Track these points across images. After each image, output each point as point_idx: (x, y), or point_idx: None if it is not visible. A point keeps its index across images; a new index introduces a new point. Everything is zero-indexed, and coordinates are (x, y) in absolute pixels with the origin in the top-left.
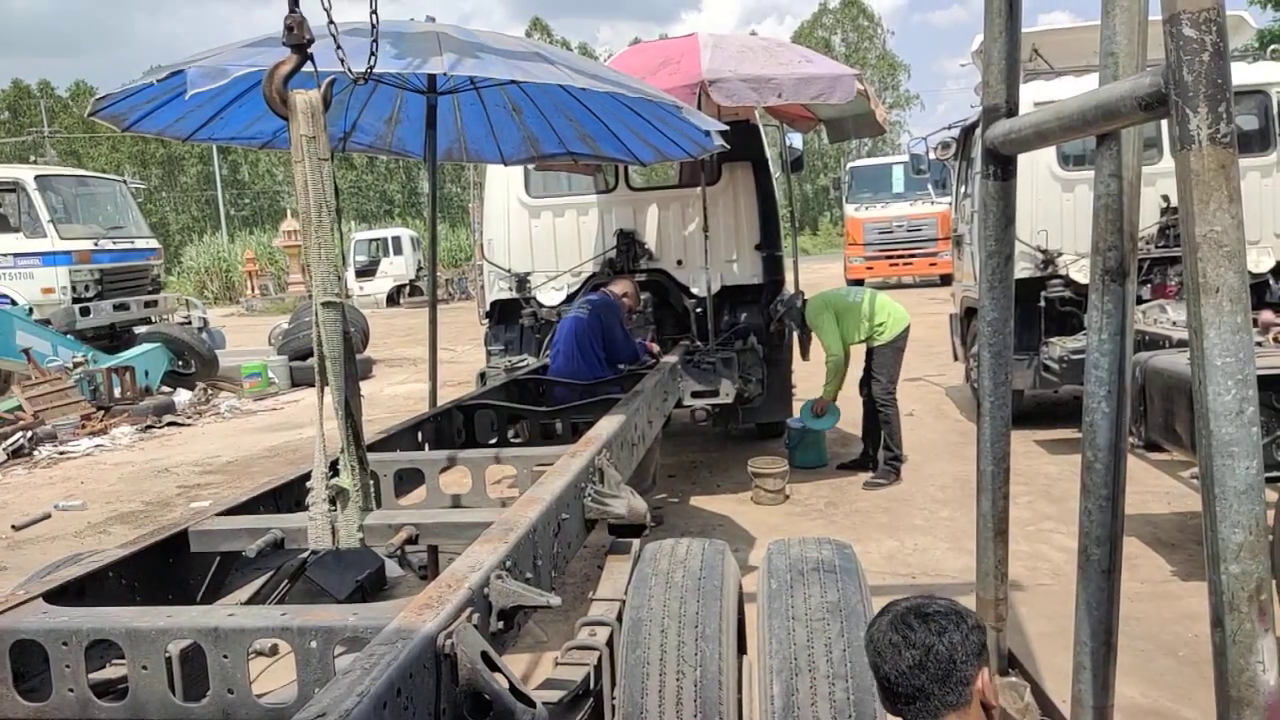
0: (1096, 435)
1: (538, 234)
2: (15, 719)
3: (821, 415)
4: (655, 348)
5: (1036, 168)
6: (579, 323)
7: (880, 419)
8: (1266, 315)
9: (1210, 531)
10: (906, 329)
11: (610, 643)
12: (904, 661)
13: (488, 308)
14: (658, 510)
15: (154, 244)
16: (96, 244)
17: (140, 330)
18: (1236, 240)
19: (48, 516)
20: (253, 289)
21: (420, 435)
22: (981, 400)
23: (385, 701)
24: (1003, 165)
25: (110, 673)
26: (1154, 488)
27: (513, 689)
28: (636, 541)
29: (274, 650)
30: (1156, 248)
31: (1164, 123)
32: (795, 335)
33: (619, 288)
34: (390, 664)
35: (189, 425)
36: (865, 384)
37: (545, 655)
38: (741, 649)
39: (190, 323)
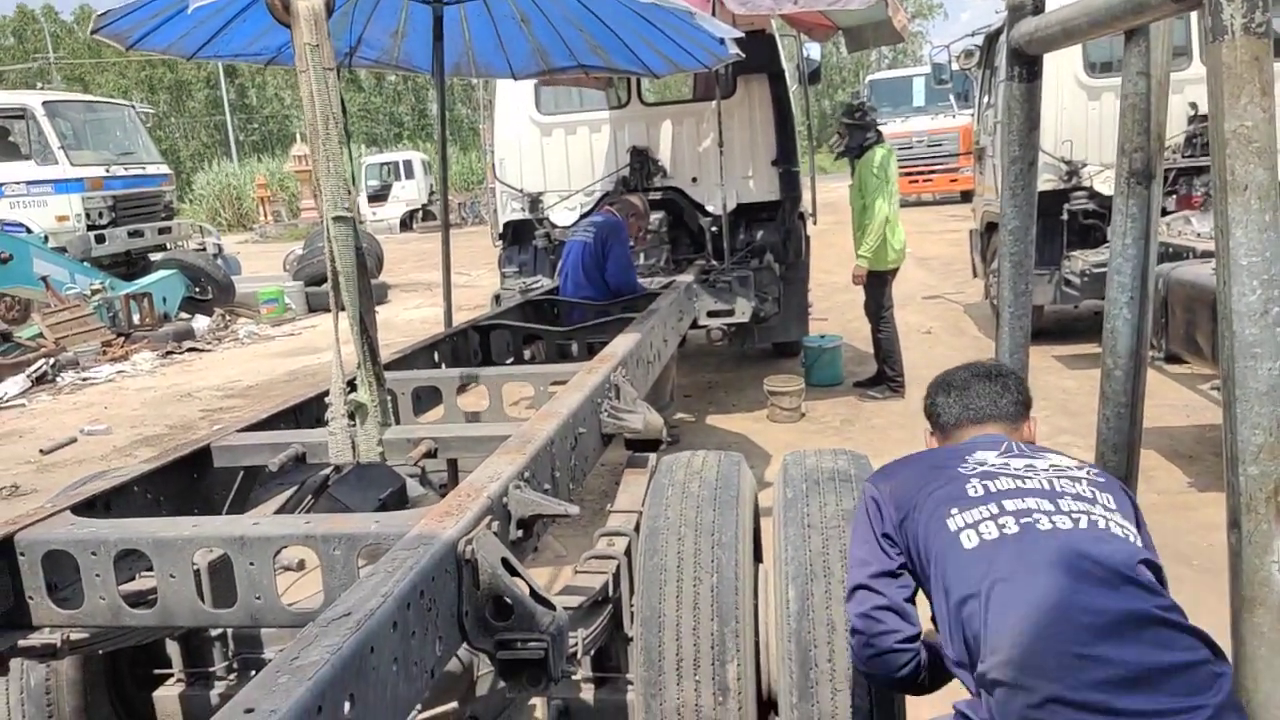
0: (1117, 342)
1: (549, 152)
2: (51, 625)
3: (859, 283)
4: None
5: (1062, 75)
6: (584, 248)
7: (876, 342)
8: None
9: (1230, 434)
10: (898, 264)
11: (628, 552)
12: (990, 386)
13: (501, 229)
14: (674, 429)
15: (165, 170)
16: (108, 170)
17: (156, 257)
18: (1267, 136)
19: (74, 441)
20: (265, 215)
21: (436, 355)
22: (1001, 311)
23: (409, 602)
24: (1028, 66)
25: (140, 584)
26: (1173, 401)
27: (533, 593)
28: (653, 456)
29: (300, 565)
30: (1183, 157)
31: (1194, 24)
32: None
33: (624, 205)
34: (413, 568)
35: (209, 351)
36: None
37: (565, 569)
38: (758, 558)
39: (205, 249)
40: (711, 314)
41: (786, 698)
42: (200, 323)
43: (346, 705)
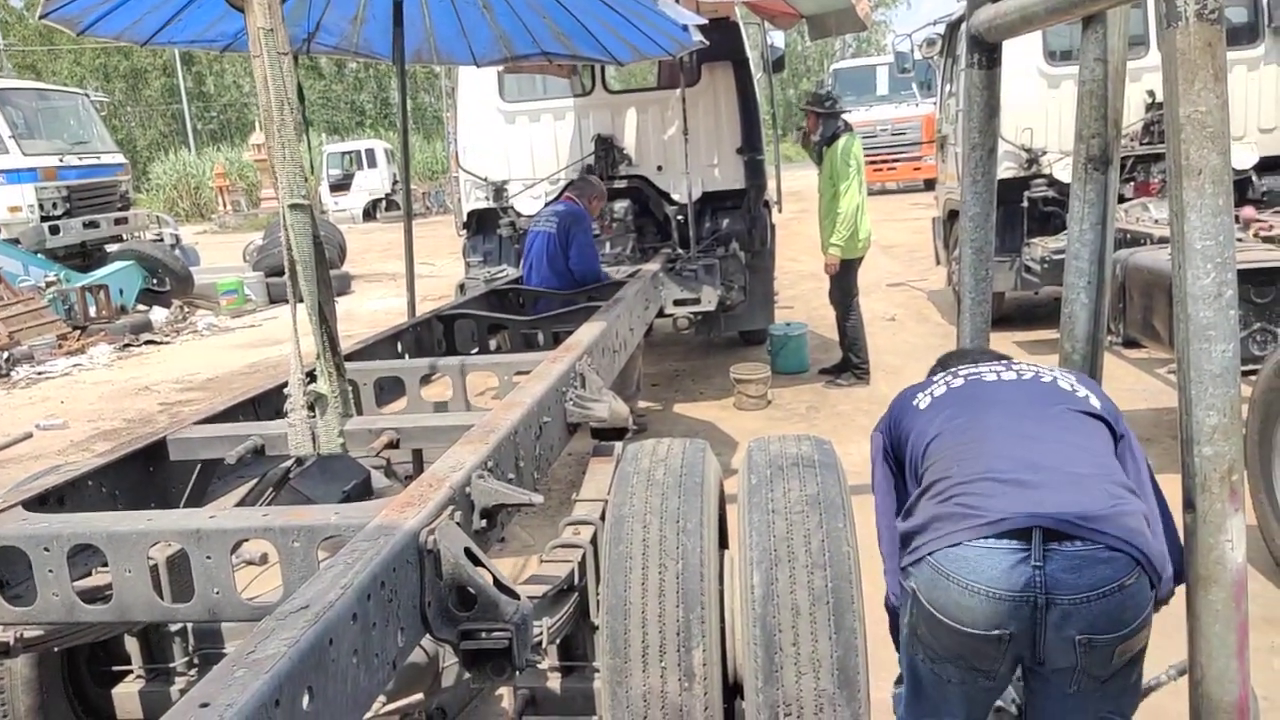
0: (1075, 326)
1: (513, 140)
2: (3, 623)
3: (832, 273)
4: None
5: (1022, 63)
6: (547, 238)
7: (841, 330)
8: (1248, 211)
9: (1185, 415)
10: (864, 252)
11: (594, 540)
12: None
13: (465, 218)
14: (641, 418)
15: (121, 159)
16: (62, 160)
17: (112, 249)
18: (1220, 121)
19: (29, 436)
20: (224, 205)
21: (400, 345)
22: (963, 297)
23: (369, 594)
24: (988, 53)
25: (96, 580)
26: (1131, 385)
27: (496, 583)
28: (619, 444)
29: (263, 559)
30: (1140, 144)
31: (1151, 12)
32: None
33: (584, 187)
34: (373, 559)
35: (167, 343)
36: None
37: (531, 558)
38: (723, 544)
39: (162, 240)
40: (678, 303)
41: (752, 681)
42: (158, 315)
43: (305, 698)
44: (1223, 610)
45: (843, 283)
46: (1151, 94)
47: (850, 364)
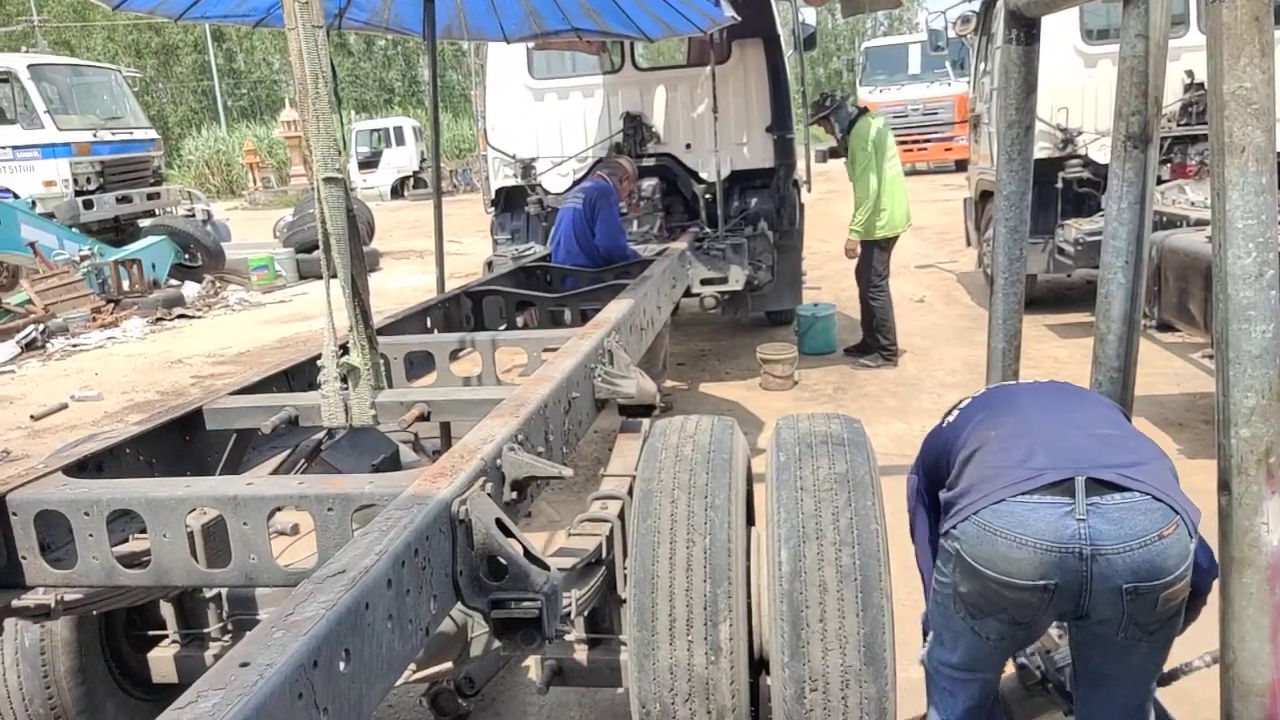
0: (1111, 307)
1: (542, 118)
2: (44, 585)
3: (851, 256)
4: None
5: (1059, 42)
6: (575, 214)
7: (870, 312)
8: None
9: (1222, 396)
10: (896, 232)
11: (622, 515)
12: None
13: (493, 195)
14: (667, 397)
15: (153, 135)
16: (95, 135)
17: (145, 223)
18: (1266, 98)
19: (65, 407)
20: (254, 182)
21: (429, 321)
22: (995, 277)
23: (403, 561)
24: (1026, 29)
25: (134, 546)
26: (1164, 369)
27: (527, 554)
28: (646, 421)
29: (295, 530)
30: (1179, 125)
31: None
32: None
33: (614, 168)
34: (407, 527)
35: (199, 318)
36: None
37: (558, 533)
38: (750, 521)
39: (194, 215)
40: (705, 282)
41: (778, 657)
42: (190, 289)
43: (342, 660)
44: (1256, 594)
45: (870, 263)
46: (1190, 74)
47: (873, 345)
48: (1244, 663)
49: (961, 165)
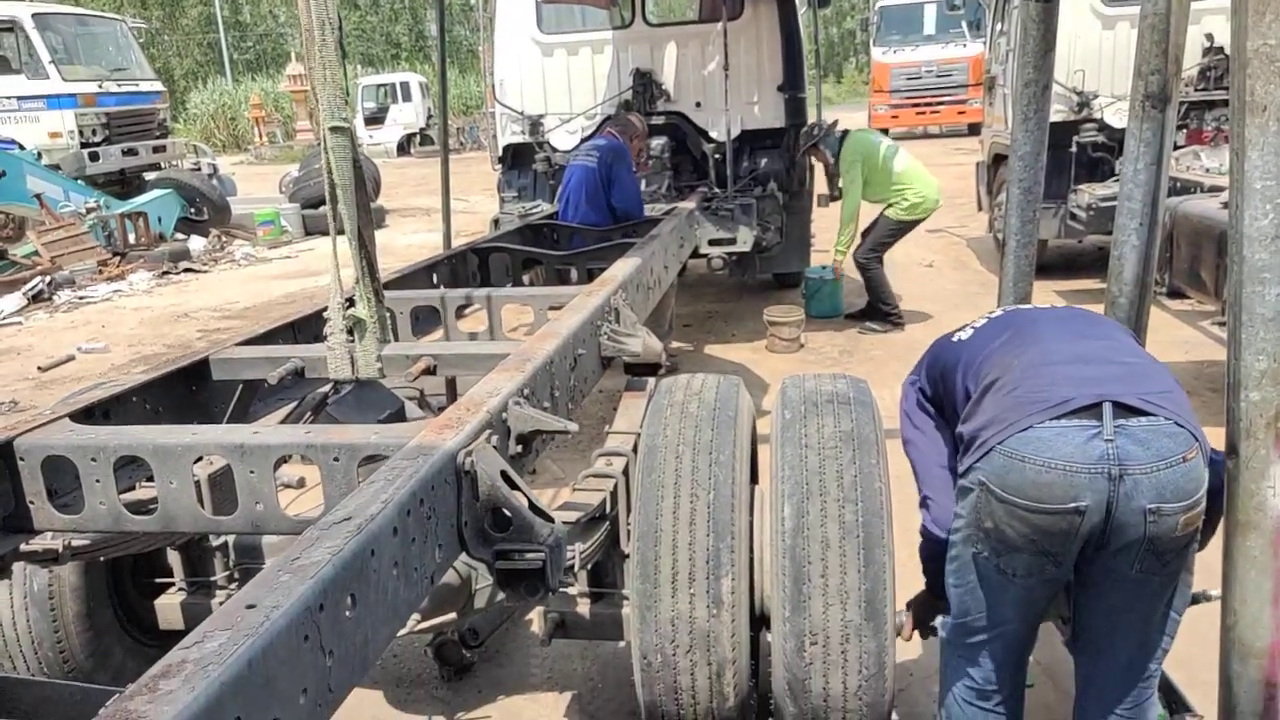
0: (1124, 269)
1: (550, 74)
2: (52, 530)
3: (838, 279)
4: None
5: (1077, 3)
6: (587, 172)
7: (864, 280)
8: None
9: (1233, 359)
10: (925, 214)
11: (626, 472)
12: None
13: (500, 152)
14: (672, 358)
15: (159, 87)
16: (101, 86)
17: (150, 177)
18: None
19: (71, 359)
20: (260, 136)
21: (435, 277)
22: (1007, 239)
23: (409, 510)
24: None
25: (141, 494)
26: (1174, 337)
27: (532, 506)
28: (651, 379)
29: (301, 483)
30: (1196, 90)
31: None
32: (824, 171)
33: (625, 126)
34: (413, 476)
35: (205, 272)
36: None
37: (563, 491)
38: (754, 479)
39: (200, 169)
40: (713, 242)
41: (779, 611)
42: (196, 243)
43: (348, 604)
44: (1260, 557)
45: (880, 236)
46: (1210, 37)
47: (877, 311)
48: (1244, 625)
49: (975, 129)
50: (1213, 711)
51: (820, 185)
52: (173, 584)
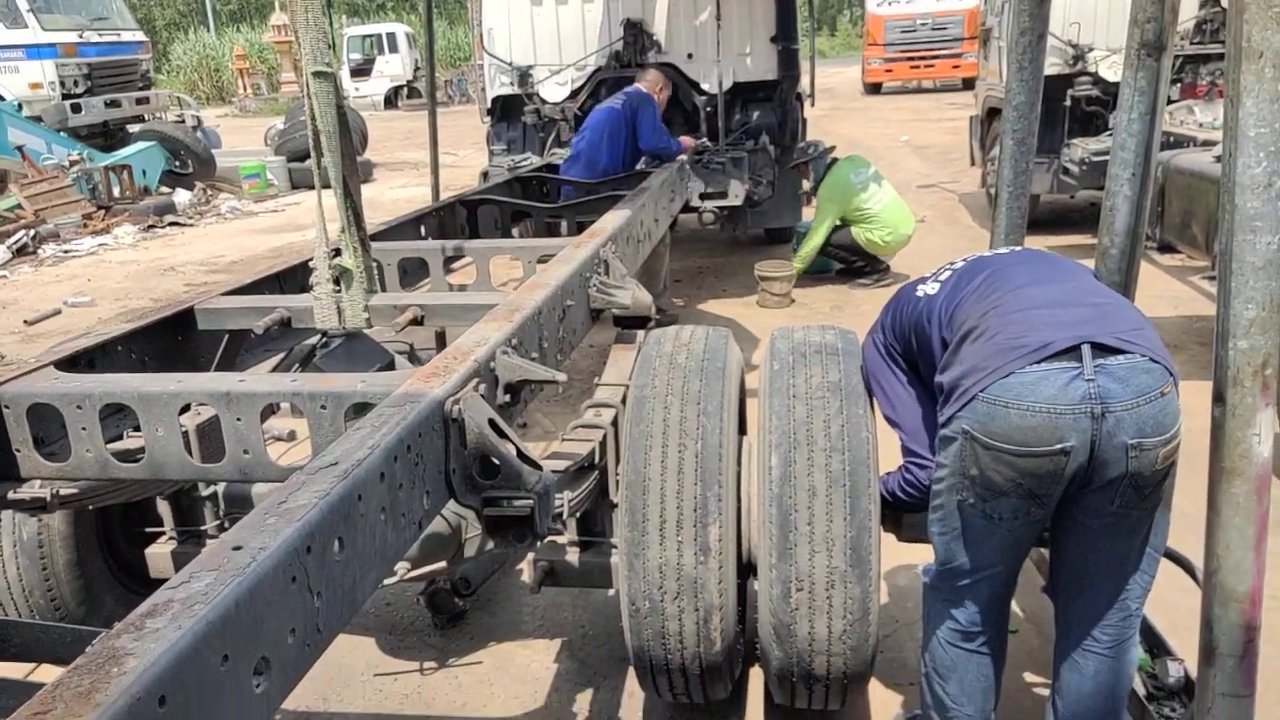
0: (1115, 219)
1: (540, 24)
2: (39, 477)
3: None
4: (691, 142)
5: None
6: (612, 112)
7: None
8: None
9: (1223, 308)
10: (890, 252)
11: (615, 422)
12: None
13: (489, 104)
14: (664, 314)
15: (141, 37)
16: (81, 36)
17: (134, 129)
18: None
19: (58, 312)
20: (244, 89)
21: (423, 229)
22: (999, 191)
23: (396, 455)
24: None
25: (128, 443)
26: (1163, 292)
27: (520, 454)
28: (641, 332)
29: (291, 436)
30: (1191, 43)
31: None
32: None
33: (650, 81)
34: (400, 423)
35: (191, 225)
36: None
37: (553, 443)
38: (742, 431)
39: (184, 122)
40: (704, 196)
41: (766, 559)
42: (181, 197)
43: (336, 547)
44: (1244, 503)
45: (838, 242)
46: None
47: (863, 269)
48: (1227, 570)
49: (969, 83)
50: (1193, 656)
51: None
52: (163, 533)
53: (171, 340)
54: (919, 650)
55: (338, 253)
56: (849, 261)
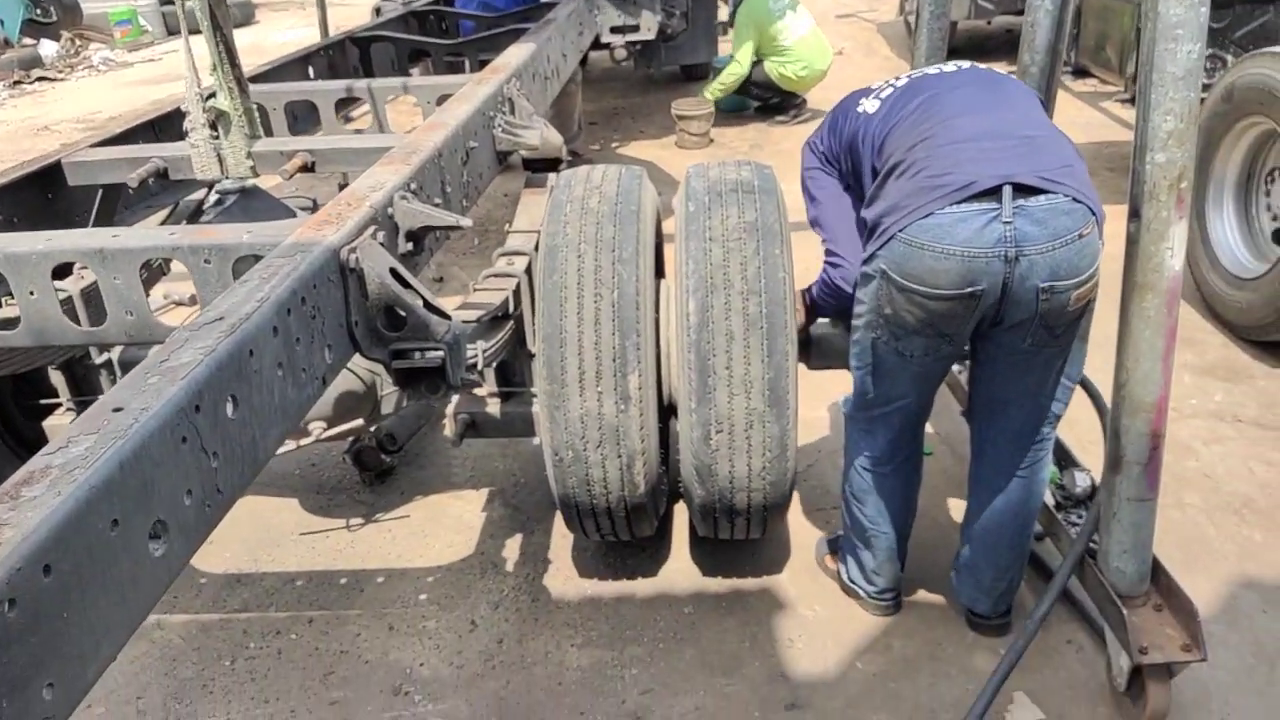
0: (1036, 35)
1: None
2: None
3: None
4: None
5: None
6: None
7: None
8: None
9: (1141, 120)
10: (805, 88)
11: (529, 271)
12: None
13: None
14: (578, 158)
15: None
16: None
17: None
18: None
19: None
20: None
21: (311, 70)
22: (920, 11)
23: (289, 308)
24: None
25: (8, 311)
26: (1075, 118)
27: (427, 304)
28: (552, 175)
29: (193, 300)
30: None
31: None
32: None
33: None
34: (290, 274)
35: (62, 80)
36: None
37: (470, 296)
38: (659, 273)
39: None
40: (615, 29)
41: (685, 403)
42: (48, 49)
43: (229, 405)
44: (1154, 316)
45: (766, 84)
46: None
47: (778, 105)
48: (1136, 381)
49: None
50: (1099, 468)
51: None
52: (60, 404)
53: (40, 198)
54: (839, 477)
55: (213, 95)
56: (765, 99)
